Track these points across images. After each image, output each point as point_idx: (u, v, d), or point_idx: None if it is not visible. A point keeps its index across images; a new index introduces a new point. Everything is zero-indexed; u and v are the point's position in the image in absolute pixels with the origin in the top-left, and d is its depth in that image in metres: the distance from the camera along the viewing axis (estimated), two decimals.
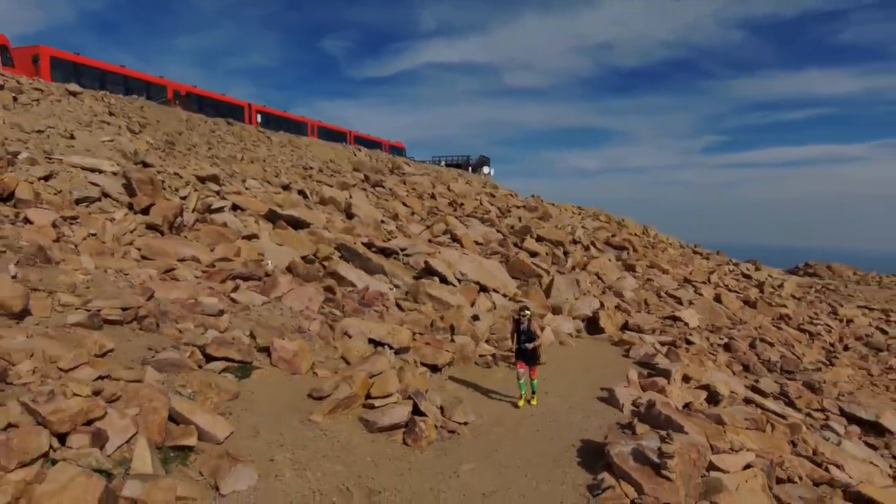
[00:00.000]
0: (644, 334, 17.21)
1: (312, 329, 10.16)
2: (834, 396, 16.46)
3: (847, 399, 16.21)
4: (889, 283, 51.77)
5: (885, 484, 10.59)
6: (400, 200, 28.54)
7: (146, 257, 12.39)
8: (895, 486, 10.48)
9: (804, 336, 28.31)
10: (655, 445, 6.19)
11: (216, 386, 7.00)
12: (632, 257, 30.74)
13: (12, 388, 5.21)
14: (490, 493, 5.78)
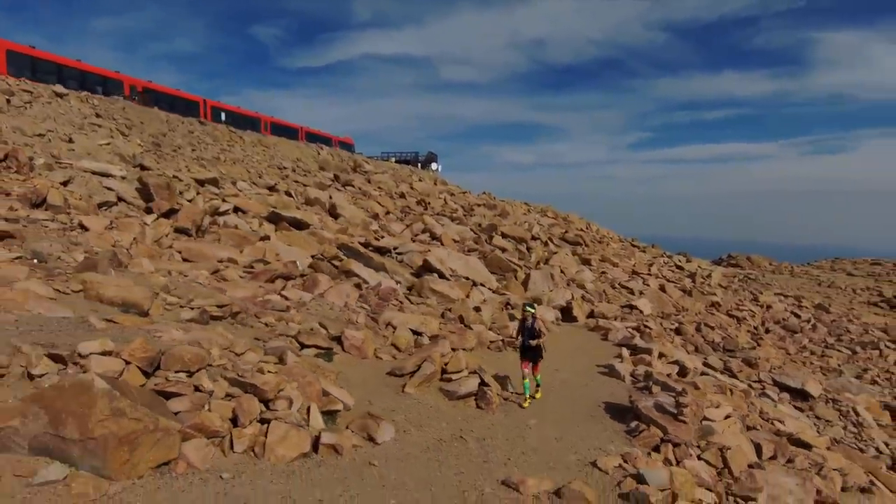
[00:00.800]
0: (610, 321, 19.75)
1: (360, 321, 11.81)
2: (767, 370, 19.57)
3: (777, 372, 19.36)
4: (799, 273, 57.56)
5: (814, 435, 13.45)
6: (374, 200, 30.02)
7: (187, 259, 13.57)
8: (822, 437, 13.36)
9: (733, 321, 32.01)
10: (671, 400, 8.40)
11: (323, 367, 8.63)
12: (585, 252, 33.59)
13: (212, 368, 6.71)
14: (559, 437, 7.78)
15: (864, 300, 46.57)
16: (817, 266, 62.21)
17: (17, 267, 8.71)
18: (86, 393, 5.07)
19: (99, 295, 8.39)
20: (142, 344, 6.02)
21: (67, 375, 5.49)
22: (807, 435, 12.37)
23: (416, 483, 5.89)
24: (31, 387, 5.43)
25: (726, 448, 8.41)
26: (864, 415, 17.87)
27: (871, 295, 47.37)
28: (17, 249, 9.70)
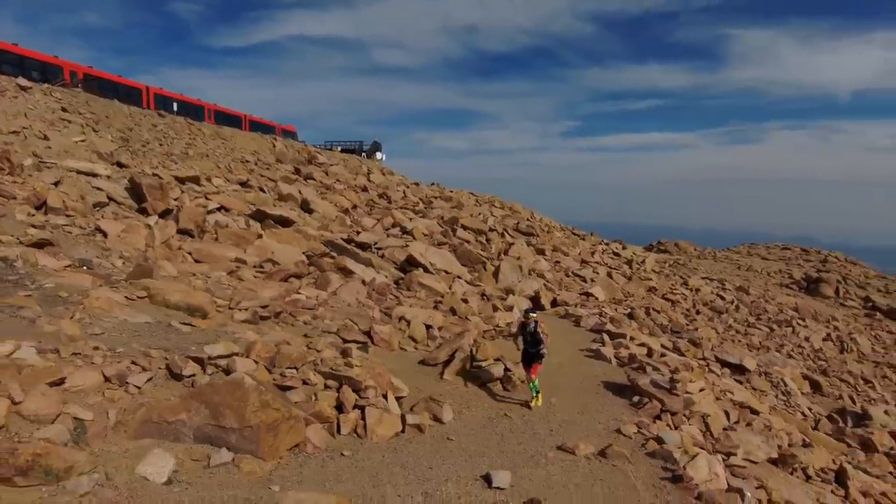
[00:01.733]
0: (573, 308, 21.70)
1: (376, 316, 12.95)
2: (709, 349, 22.16)
3: (719, 350, 21.98)
4: (721, 258, 62.50)
5: (758, 403, 15.85)
6: (339, 194, 30.66)
7: (198, 260, 14.15)
8: (763, 404, 15.76)
9: (668, 304, 35.09)
10: (664, 377, 10.18)
11: (371, 360, 9.78)
12: (538, 242, 35.67)
13: (307, 364, 7.74)
14: (581, 412, 9.35)
15: (777, 282, 51.49)
16: (735, 251, 67.46)
17: (78, 274, 9.28)
18: (239, 389, 6.08)
19: (165, 300, 9.13)
20: (263, 346, 7.03)
21: (216, 374, 6.44)
22: (753, 403, 14.67)
23: (492, 451, 7.26)
24: (179, 386, 6.34)
25: (707, 415, 10.30)
26: (790, 385, 20.78)
27: (783, 277, 52.43)
28: (63, 257, 10.15)
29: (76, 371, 5.87)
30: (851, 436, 16.17)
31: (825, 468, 10.68)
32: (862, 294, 48.32)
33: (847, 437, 15.96)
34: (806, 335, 35.62)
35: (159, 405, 5.85)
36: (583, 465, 7.02)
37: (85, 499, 4.60)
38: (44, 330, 6.83)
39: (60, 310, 7.74)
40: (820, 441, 14.78)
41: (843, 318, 42.74)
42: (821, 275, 50.81)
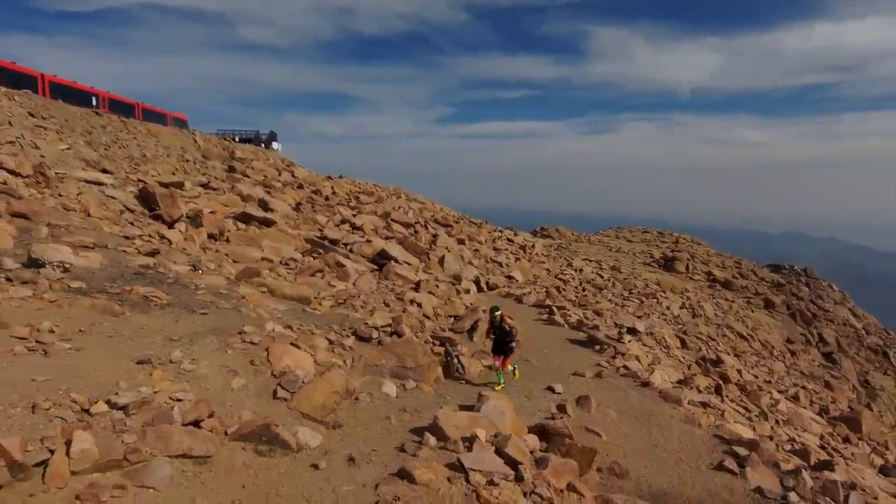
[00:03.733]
0: (505, 290, 26.70)
1: (392, 301, 16.72)
2: (609, 317, 28.28)
3: (615, 317, 28.16)
4: (595, 241, 71.61)
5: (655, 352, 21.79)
6: (280, 192, 32.98)
7: (235, 261, 16.91)
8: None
9: (562, 283, 41.63)
10: (614, 332, 15.26)
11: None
12: (455, 232, 40.41)
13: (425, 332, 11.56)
14: (567, 356, 14.06)
15: (641, 261, 60.84)
16: (606, 234, 77.32)
17: (212, 277, 12.17)
18: (410, 344, 9.95)
19: (283, 293, 12.38)
20: (406, 317, 10.82)
21: (393, 336, 10.19)
22: (655, 352, 20.51)
23: (537, 378, 11.67)
24: (368, 346, 10.00)
25: (638, 356, 15.57)
26: (668, 341, 27.45)
27: (646, 257, 62.01)
28: (179, 262, 12.81)
29: (313, 338, 9.37)
30: (714, 373, 22.78)
31: (708, 386, 16.47)
32: (705, 269, 59.01)
33: (711, 374, 22.53)
34: (667, 304, 43.90)
35: (368, 356, 9.55)
36: (591, 381, 11.70)
37: (373, 404, 8.35)
38: (251, 315, 10.06)
39: (234, 303, 10.85)
40: (696, 380, 21.07)
41: (692, 289, 52.38)
42: (675, 254, 60.92)
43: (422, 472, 5.76)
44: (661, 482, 7.92)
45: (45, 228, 12.34)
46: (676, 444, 9.08)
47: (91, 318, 8.64)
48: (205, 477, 5.36)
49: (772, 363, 42.34)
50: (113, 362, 6.93)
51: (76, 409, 5.56)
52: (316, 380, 7.49)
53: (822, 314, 58.56)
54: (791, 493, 7.95)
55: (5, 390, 5.68)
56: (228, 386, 7.09)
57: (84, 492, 4.64)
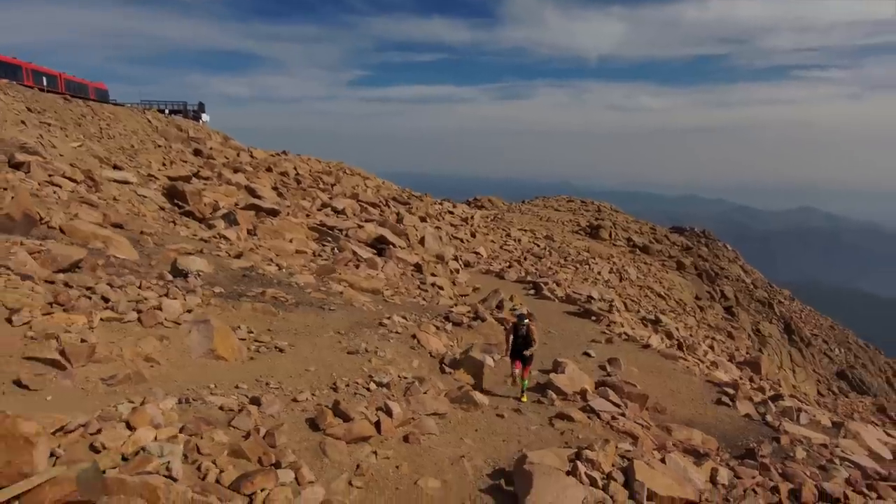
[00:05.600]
0: (483, 265, 30.06)
1: (416, 284, 19.52)
2: (566, 286, 32.49)
3: (572, 287, 32.41)
4: (525, 210, 76.44)
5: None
6: (254, 176, 34.11)
7: (277, 254, 18.97)
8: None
9: (506, 252, 45.56)
10: (605, 304, 19.06)
11: None
12: (414, 209, 43.07)
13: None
14: (574, 328, 17.65)
15: (570, 230, 66.24)
16: (534, 204, 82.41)
17: (302, 276, 14.48)
18: (492, 326, 13.00)
19: (361, 287, 14.94)
20: (473, 304, 13.82)
21: (477, 321, 13.18)
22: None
23: (568, 345, 15.12)
24: (460, 328, 12.92)
25: (624, 322, 19.49)
26: (616, 304, 32.11)
27: (574, 226, 67.51)
28: (262, 261, 14.93)
29: (428, 325, 12.21)
30: (657, 329, 27.55)
31: (671, 344, 20.78)
32: (626, 236, 65.39)
33: (659, 332, 27.26)
34: (598, 270, 49.22)
35: (465, 337, 12.54)
36: (606, 347, 15.32)
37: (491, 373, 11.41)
38: (366, 309, 12.69)
39: (340, 298, 13.35)
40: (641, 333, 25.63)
41: (616, 255, 58.34)
42: (599, 222, 66.82)
43: (574, 413, 8.99)
44: (686, 414, 11.65)
45: (148, 238, 14.06)
46: (685, 389, 12.89)
47: (263, 320, 10.99)
48: (450, 426, 8.26)
49: (686, 318, 49.06)
50: (332, 354, 9.54)
51: (361, 386, 8.26)
52: (463, 358, 10.46)
53: (721, 272, 66.83)
54: (766, 416, 11.98)
55: (303, 379, 8.25)
56: (412, 365, 9.90)
57: (407, 436, 7.47)
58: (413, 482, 6.40)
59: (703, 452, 9.57)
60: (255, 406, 6.89)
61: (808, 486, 8.93)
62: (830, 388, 58.43)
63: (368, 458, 6.59)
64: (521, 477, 6.25)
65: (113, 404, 6.16)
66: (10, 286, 8.05)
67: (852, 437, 12.09)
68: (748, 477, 9.08)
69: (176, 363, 7.88)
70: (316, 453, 6.28)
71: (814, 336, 66.77)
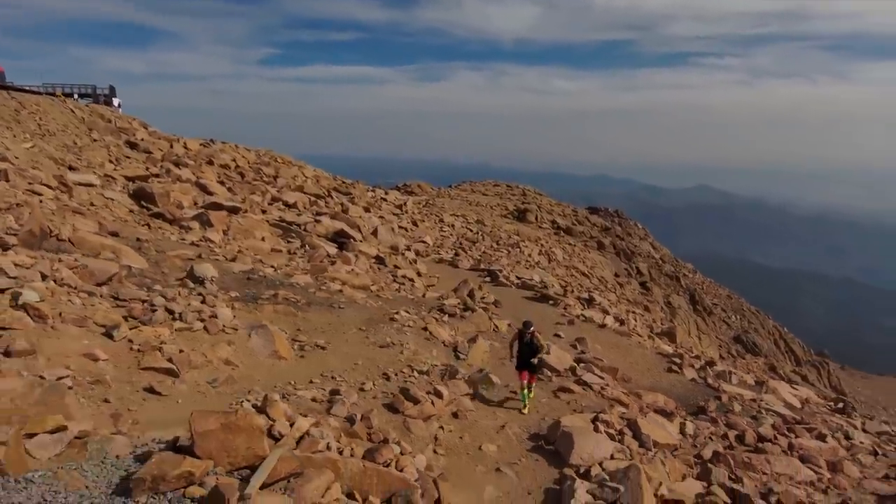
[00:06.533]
0: (432, 255, 31.79)
1: (389, 279, 20.95)
2: (510, 272, 34.86)
3: (515, 272, 34.84)
4: (454, 195, 78.57)
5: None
6: (198, 169, 33.74)
7: (257, 255, 19.71)
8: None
9: (442, 239, 47.43)
10: (559, 288, 21.39)
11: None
12: (357, 199, 43.92)
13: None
14: (537, 313, 19.85)
15: (498, 214, 69.03)
16: (462, 189, 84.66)
17: (299, 276, 15.55)
18: (481, 315, 14.81)
19: (353, 284, 16.22)
20: (462, 296, 15.52)
21: (468, 311, 14.90)
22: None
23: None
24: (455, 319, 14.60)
25: (574, 305, 21.93)
26: (547, 281, 34.83)
27: (502, 210, 70.38)
28: (252, 263, 15.82)
29: (430, 318, 13.81)
30: (595, 307, 30.51)
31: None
32: (550, 218, 69.14)
33: (596, 310, 30.20)
34: (529, 252, 52.23)
35: (462, 326, 14.26)
36: (569, 328, 17.56)
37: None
38: (371, 305, 14.08)
39: (342, 296, 14.62)
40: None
41: (543, 237, 61.80)
42: (525, 206, 70.14)
43: (572, 386, 11.02)
44: (647, 382, 14.07)
45: (149, 245, 14.60)
46: (641, 361, 15.36)
47: (287, 320, 12.16)
48: (480, 403, 10.02)
49: (608, 295, 53.29)
50: (367, 349, 10.98)
51: (407, 375, 9.81)
52: (473, 345, 12.19)
53: (635, 250, 72.33)
54: (707, 379, 14.67)
55: (357, 372, 9.69)
56: (432, 354, 11.52)
57: (456, 413, 9.16)
58: (477, 447, 8.13)
59: (668, 411, 11.95)
60: (336, 395, 8.30)
61: (749, 432, 11.49)
62: (730, 351, 65.01)
63: (438, 431, 8.23)
64: (563, 437, 8.14)
65: (234, 402, 7.39)
66: (88, 304, 8.86)
67: (772, 393, 15.05)
68: (704, 428, 11.53)
69: (250, 365, 9.06)
70: (403, 431, 7.84)
71: (714, 305, 73.72)
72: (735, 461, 9.79)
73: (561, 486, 7.29)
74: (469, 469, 7.58)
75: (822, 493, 9.19)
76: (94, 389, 6.88)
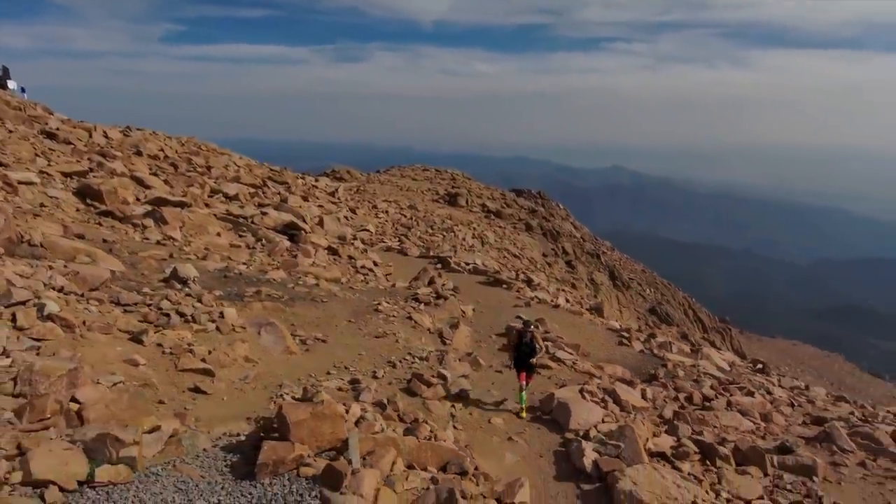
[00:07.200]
0: (381, 244, 32.42)
1: (351, 269, 21.54)
2: (456, 256, 36.06)
3: (464, 256, 36.10)
4: (384, 181, 78.69)
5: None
6: (129, 161, 32.37)
7: (217, 251, 19.70)
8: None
9: (389, 224, 48.01)
10: (512, 273, 22.78)
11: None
12: (294, 189, 43.50)
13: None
14: (494, 298, 21.15)
15: (430, 199, 70.07)
16: (391, 174, 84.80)
17: (275, 272, 15.90)
18: (453, 303, 15.86)
19: (325, 277, 16.75)
20: (435, 286, 16.48)
21: (440, 300, 15.89)
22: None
23: (502, 316, 18.55)
24: (431, 307, 15.55)
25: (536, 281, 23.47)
26: (488, 265, 36.48)
27: (433, 195, 71.44)
28: (224, 260, 15.99)
29: (406, 306, 14.69)
30: (536, 286, 32.37)
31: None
32: (480, 202, 70.97)
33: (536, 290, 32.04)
34: (462, 236, 53.73)
35: (437, 314, 15.25)
36: (529, 309, 18.97)
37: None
38: (350, 298, 14.77)
39: (320, 290, 15.19)
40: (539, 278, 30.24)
41: (475, 220, 63.50)
42: (456, 190, 71.57)
43: (549, 362, 12.36)
44: (602, 355, 15.72)
45: (120, 247, 14.46)
46: (595, 337, 17.02)
47: (278, 316, 12.67)
48: (474, 382, 11.11)
49: (538, 275, 55.91)
50: (364, 339, 11.76)
51: (409, 362, 10.72)
52: (456, 331, 13.25)
53: (560, 230, 75.76)
54: (653, 350, 16.56)
55: (364, 361, 10.50)
56: (421, 340, 12.46)
57: (458, 393, 10.21)
58: (487, 421, 9.23)
59: (629, 380, 13.60)
60: (357, 384, 9.12)
61: (695, 393, 13.33)
62: (647, 322, 69.90)
63: (451, 410, 9.25)
64: (559, 407, 9.41)
65: (274, 396, 8.05)
66: (104, 311, 9.09)
67: (706, 358, 17.18)
68: (659, 393, 13.25)
69: (268, 361, 9.65)
70: (425, 411, 8.81)
71: (630, 280, 78.63)
72: (691, 418, 11.51)
73: (567, 448, 8.54)
74: (486, 440, 8.66)
75: (761, 439, 11.06)
76: (146, 392, 7.32)
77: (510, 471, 7.73)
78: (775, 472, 9.40)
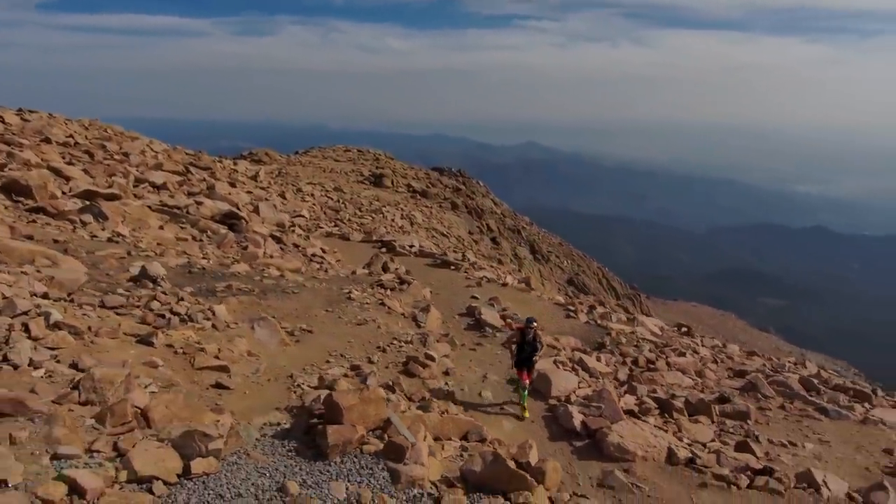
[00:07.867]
0: (324, 230, 32.42)
1: (303, 259, 21.73)
2: (404, 243, 36.61)
3: (406, 239, 36.69)
4: (305, 162, 77.14)
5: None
6: (41, 152, 30.22)
7: (160, 244, 19.27)
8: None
9: (317, 208, 47.72)
10: (459, 255, 23.84)
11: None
12: (219, 175, 42.14)
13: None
14: (460, 281, 22.13)
15: (355, 180, 69.70)
16: (312, 155, 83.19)
17: (238, 265, 15.95)
18: (417, 288, 16.67)
19: (286, 268, 16.98)
20: (401, 272, 17.16)
21: (404, 285, 16.61)
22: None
23: (458, 297, 19.55)
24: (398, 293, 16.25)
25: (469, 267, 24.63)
26: (434, 250, 37.43)
27: (358, 176, 71.06)
28: (184, 256, 15.85)
29: (374, 292, 15.35)
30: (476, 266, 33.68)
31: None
32: (405, 182, 71.48)
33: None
34: (391, 217, 54.27)
35: (405, 298, 15.99)
36: (481, 289, 20.09)
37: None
38: (319, 288, 15.22)
39: (287, 281, 15.49)
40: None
41: (402, 201, 64.03)
42: (381, 171, 71.60)
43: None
44: (554, 328, 17.17)
45: (76, 247, 14.02)
46: (545, 311, 18.44)
47: (255, 310, 12.96)
48: (456, 360, 12.07)
49: (465, 252, 57.55)
50: (348, 328, 12.37)
51: (398, 346, 11.49)
52: (427, 314, 14.11)
53: (484, 208, 77.79)
54: (597, 321, 18.25)
55: (355, 348, 11.15)
56: (399, 324, 13.22)
57: (446, 371, 11.15)
58: (477, 394, 10.24)
59: (584, 349, 15.10)
60: (359, 370, 9.81)
61: (640, 357, 15.04)
62: (566, 293, 73.69)
63: (445, 387, 10.18)
64: (540, 378, 10.59)
65: (292, 386, 8.61)
66: (102, 315, 9.16)
67: (641, 325, 19.13)
68: (609, 359, 14.84)
69: (268, 354, 10.09)
70: (427, 389, 9.66)
71: (549, 253, 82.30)
72: (642, 379, 13.14)
73: (554, 412, 9.72)
74: (483, 412, 9.67)
75: (701, 393, 12.87)
76: (174, 392, 7.65)
77: (511, 436, 8.79)
78: (719, 419, 11.13)
